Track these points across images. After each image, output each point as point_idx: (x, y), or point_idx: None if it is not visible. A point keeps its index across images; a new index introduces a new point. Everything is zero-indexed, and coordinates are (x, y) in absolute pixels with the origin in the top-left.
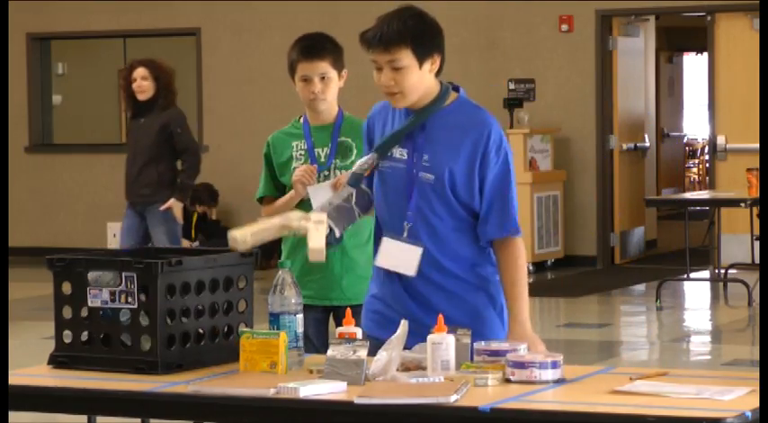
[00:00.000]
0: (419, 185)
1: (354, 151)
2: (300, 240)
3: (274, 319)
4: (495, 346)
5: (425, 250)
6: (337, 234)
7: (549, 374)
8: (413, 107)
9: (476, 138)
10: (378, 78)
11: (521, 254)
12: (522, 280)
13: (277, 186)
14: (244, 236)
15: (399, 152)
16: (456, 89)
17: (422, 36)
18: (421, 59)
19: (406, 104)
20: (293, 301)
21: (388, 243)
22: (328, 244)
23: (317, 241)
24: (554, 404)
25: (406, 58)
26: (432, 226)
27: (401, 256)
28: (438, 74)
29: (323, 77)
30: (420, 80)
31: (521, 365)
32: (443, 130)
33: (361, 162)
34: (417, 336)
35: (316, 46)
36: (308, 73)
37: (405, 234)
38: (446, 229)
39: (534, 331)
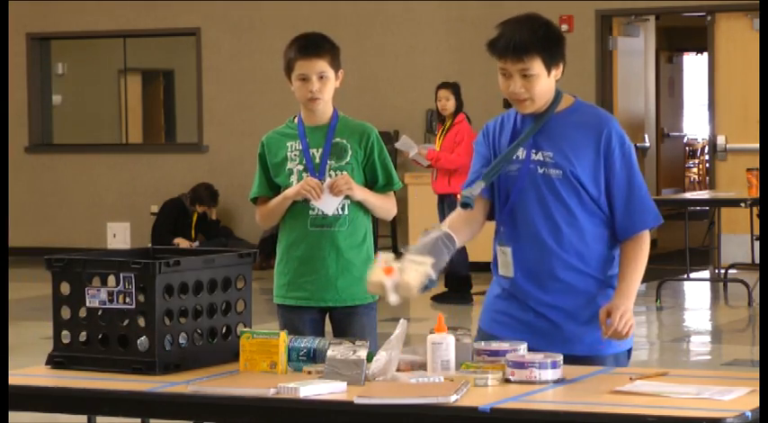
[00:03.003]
0: (546, 184)
1: (349, 152)
2: (294, 242)
3: None
4: (495, 346)
5: (552, 249)
6: (433, 277)
7: (549, 374)
8: (533, 114)
9: (597, 136)
10: (505, 85)
11: (645, 247)
12: (640, 272)
13: (272, 187)
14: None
15: (520, 152)
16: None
17: (551, 44)
18: (549, 67)
19: (533, 110)
20: None
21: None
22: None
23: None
24: (554, 404)
25: (537, 65)
26: (563, 221)
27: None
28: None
29: (321, 76)
30: (547, 87)
31: (521, 365)
32: (564, 128)
33: (471, 188)
34: (541, 334)
35: (314, 44)
36: (305, 72)
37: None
38: (579, 224)
39: None
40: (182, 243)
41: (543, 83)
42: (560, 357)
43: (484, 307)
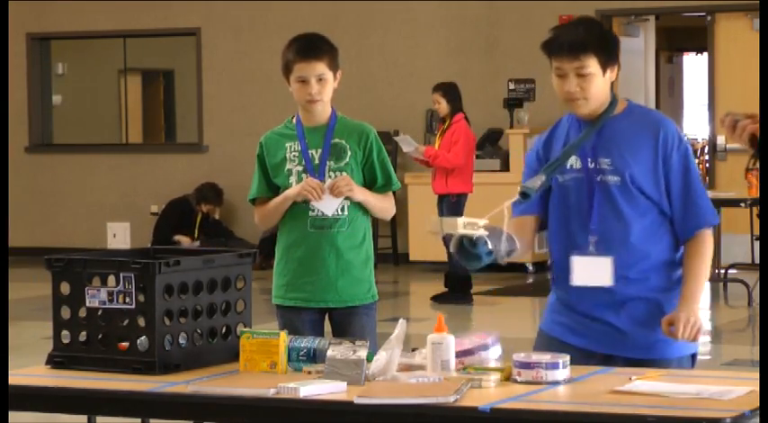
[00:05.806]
0: (603, 193)
1: (348, 153)
2: (294, 243)
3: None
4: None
5: (616, 256)
6: (489, 246)
7: (557, 375)
8: (589, 117)
9: (653, 139)
10: (560, 86)
11: (708, 245)
12: (705, 270)
13: (270, 187)
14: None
15: (574, 161)
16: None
17: (606, 44)
18: (604, 67)
19: (587, 111)
20: None
21: (578, 262)
22: (477, 257)
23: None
24: (554, 404)
25: (593, 64)
26: (620, 230)
27: (594, 271)
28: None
29: (319, 79)
30: (602, 88)
31: (527, 366)
32: (619, 133)
33: (532, 181)
34: (602, 338)
35: (313, 46)
36: (304, 74)
37: (591, 248)
38: (636, 231)
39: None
40: (182, 240)
41: (598, 83)
42: (567, 358)
43: (546, 309)
